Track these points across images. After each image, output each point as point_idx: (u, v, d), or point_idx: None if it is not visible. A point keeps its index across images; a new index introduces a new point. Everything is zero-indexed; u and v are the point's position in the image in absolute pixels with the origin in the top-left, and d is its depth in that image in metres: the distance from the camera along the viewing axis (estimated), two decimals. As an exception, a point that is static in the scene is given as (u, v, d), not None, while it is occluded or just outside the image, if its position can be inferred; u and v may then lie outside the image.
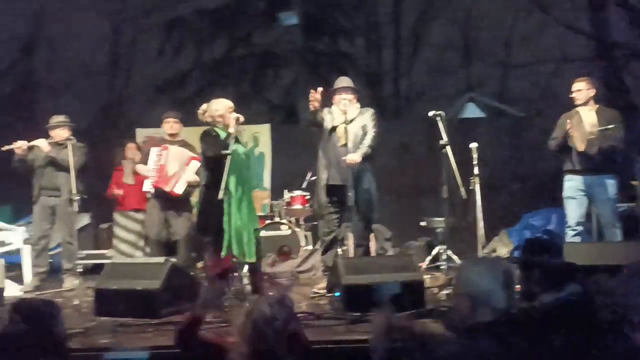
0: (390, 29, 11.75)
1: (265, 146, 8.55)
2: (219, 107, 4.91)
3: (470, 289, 2.17)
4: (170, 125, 6.07)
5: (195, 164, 5.78)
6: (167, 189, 5.78)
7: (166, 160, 5.82)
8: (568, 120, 5.13)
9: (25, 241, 6.25)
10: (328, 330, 3.68)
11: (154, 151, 5.93)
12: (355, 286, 3.86)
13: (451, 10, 11.18)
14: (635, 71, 10.41)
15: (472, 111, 9.86)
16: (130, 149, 6.80)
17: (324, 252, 5.23)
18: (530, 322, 2.30)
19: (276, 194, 7.80)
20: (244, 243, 4.71)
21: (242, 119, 4.79)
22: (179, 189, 5.79)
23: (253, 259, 4.83)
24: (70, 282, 5.84)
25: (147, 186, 5.94)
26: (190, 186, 5.87)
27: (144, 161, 6.03)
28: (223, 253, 4.75)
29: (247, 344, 2.34)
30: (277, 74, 11.31)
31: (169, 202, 5.87)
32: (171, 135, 6.09)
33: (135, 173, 6.58)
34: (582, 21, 10.65)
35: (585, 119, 4.93)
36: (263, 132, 8.60)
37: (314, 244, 7.16)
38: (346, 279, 3.95)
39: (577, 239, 5.16)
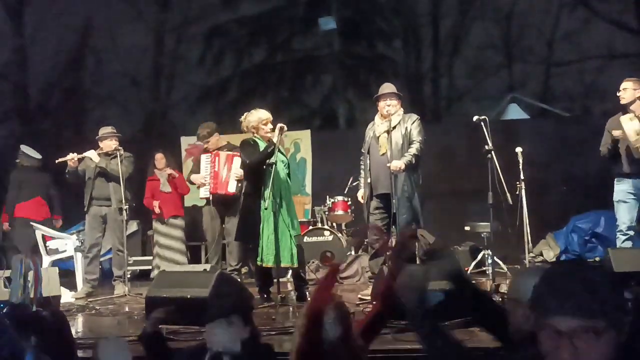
0: (429, 30, 11.64)
1: (306, 152, 8.60)
2: (252, 119, 5.08)
3: (525, 297, 2.14)
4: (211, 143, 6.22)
5: (237, 160, 5.90)
6: (222, 192, 5.95)
7: (219, 166, 5.98)
8: (614, 131, 5.02)
9: (77, 249, 6.48)
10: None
11: (204, 159, 6.10)
12: (402, 294, 3.83)
13: (491, 8, 11.00)
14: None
15: (515, 112, 9.68)
16: (159, 159, 6.94)
17: (372, 258, 5.25)
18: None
19: (318, 199, 7.84)
20: (281, 249, 4.76)
21: (285, 128, 4.87)
22: (232, 188, 5.94)
23: (290, 264, 4.89)
24: (120, 288, 6.01)
25: (203, 193, 6.14)
26: (239, 180, 5.95)
27: (197, 170, 6.19)
28: (258, 260, 4.85)
29: (307, 345, 2.36)
30: (316, 79, 11.34)
31: (225, 206, 6.03)
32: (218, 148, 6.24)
33: (171, 181, 6.75)
34: (628, 16, 10.34)
35: (627, 128, 4.82)
36: (304, 138, 8.65)
37: (356, 250, 7.18)
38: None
39: (629, 244, 5.04)
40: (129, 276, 6.35)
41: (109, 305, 5.40)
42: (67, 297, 5.67)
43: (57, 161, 6.05)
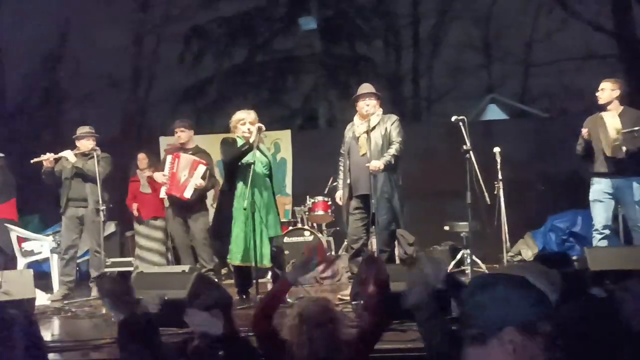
0: (409, 31, 11.71)
1: (286, 152, 8.56)
2: (232, 119, 5.13)
3: None
4: (178, 135, 6.12)
5: (202, 168, 5.86)
6: (177, 194, 5.88)
7: (177, 168, 5.90)
8: (587, 129, 5.08)
9: (53, 250, 6.38)
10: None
11: (168, 159, 6.01)
12: (380, 294, 3.84)
13: (471, 9, 11.10)
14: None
15: (494, 112, 9.77)
16: (141, 160, 6.85)
17: (352, 258, 5.24)
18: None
19: (298, 199, 7.81)
20: (252, 249, 4.74)
21: (263, 128, 4.85)
22: (188, 194, 5.86)
23: (261, 265, 4.87)
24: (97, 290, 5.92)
25: (163, 193, 6.05)
26: (198, 189, 5.91)
27: (162, 169, 6.09)
28: (228, 258, 4.89)
29: (301, 346, 2.33)
30: (296, 79, 11.35)
31: (185, 207, 5.94)
32: (182, 144, 6.14)
33: (150, 182, 6.67)
34: (604, 18, 10.50)
35: (609, 124, 4.87)
36: (284, 138, 8.61)
37: (337, 249, 7.18)
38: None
39: (604, 243, 5.09)
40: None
41: (86, 308, 5.31)
42: (42, 299, 5.58)
43: (32, 161, 5.94)
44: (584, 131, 5.07)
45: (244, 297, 4.99)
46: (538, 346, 1.48)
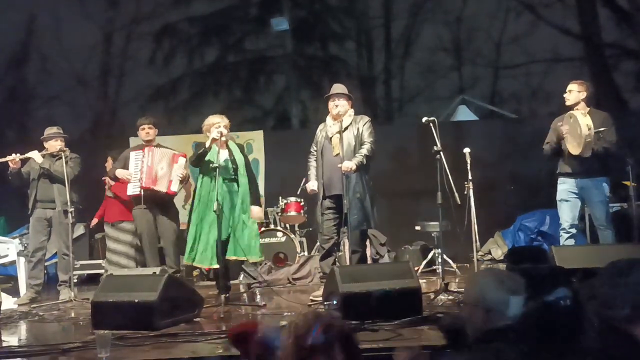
0: (381, 32, 11.77)
1: (258, 153, 8.54)
2: (205, 123, 5.28)
3: (485, 300, 2.26)
4: (146, 131, 6.02)
5: (182, 160, 5.81)
6: (162, 189, 5.75)
7: (153, 161, 5.78)
8: (560, 124, 5.18)
9: (20, 253, 6.25)
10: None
11: (133, 155, 5.88)
12: (352, 294, 3.87)
13: (442, 12, 11.22)
14: (625, 70, 10.54)
15: (464, 114, 9.89)
16: (108, 163, 6.76)
17: (323, 258, 5.25)
18: (523, 327, 2.35)
19: (271, 200, 7.79)
20: (204, 249, 4.75)
21: (224, 132, 4.88)
22: (175, 188, 5.80)
23: (214, 265, 4.92)
24: (66, 294, 5.81)
25: (132, 190, 5.84)
26: (182, 182, 5.88)
27: (124, 166, 5.92)
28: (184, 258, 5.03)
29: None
30: (269, 80, 11.31)
31: (156, 205, 5.83)
32: (147, 141, 5.99)
33: (112, 188, 6.56)
34: (571, 22, 10.74)
35: (581, 122, 4.96)
36: (256, 139, 8.59)
37: (309, 250, 7.19)
38: (343, 287, 3.96)
39: (571, 242, 5.20)
40: (75, 280, 6.16)
41: (54, 311, 5.22)
42: (8, 303, 5.46)
43: None
44: (565, 128, 5.12)
45: (224, 296, 4.95)
46: None
